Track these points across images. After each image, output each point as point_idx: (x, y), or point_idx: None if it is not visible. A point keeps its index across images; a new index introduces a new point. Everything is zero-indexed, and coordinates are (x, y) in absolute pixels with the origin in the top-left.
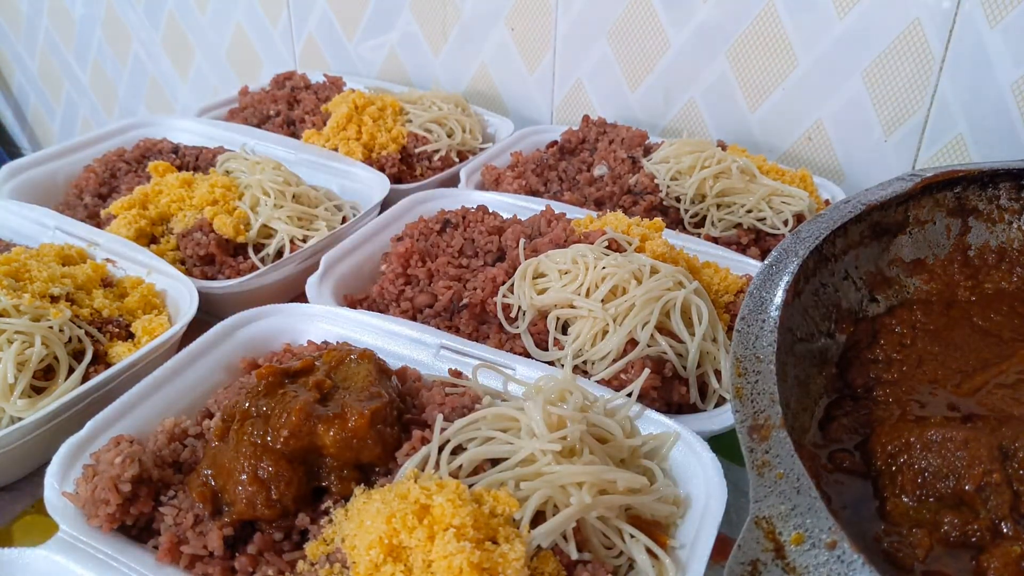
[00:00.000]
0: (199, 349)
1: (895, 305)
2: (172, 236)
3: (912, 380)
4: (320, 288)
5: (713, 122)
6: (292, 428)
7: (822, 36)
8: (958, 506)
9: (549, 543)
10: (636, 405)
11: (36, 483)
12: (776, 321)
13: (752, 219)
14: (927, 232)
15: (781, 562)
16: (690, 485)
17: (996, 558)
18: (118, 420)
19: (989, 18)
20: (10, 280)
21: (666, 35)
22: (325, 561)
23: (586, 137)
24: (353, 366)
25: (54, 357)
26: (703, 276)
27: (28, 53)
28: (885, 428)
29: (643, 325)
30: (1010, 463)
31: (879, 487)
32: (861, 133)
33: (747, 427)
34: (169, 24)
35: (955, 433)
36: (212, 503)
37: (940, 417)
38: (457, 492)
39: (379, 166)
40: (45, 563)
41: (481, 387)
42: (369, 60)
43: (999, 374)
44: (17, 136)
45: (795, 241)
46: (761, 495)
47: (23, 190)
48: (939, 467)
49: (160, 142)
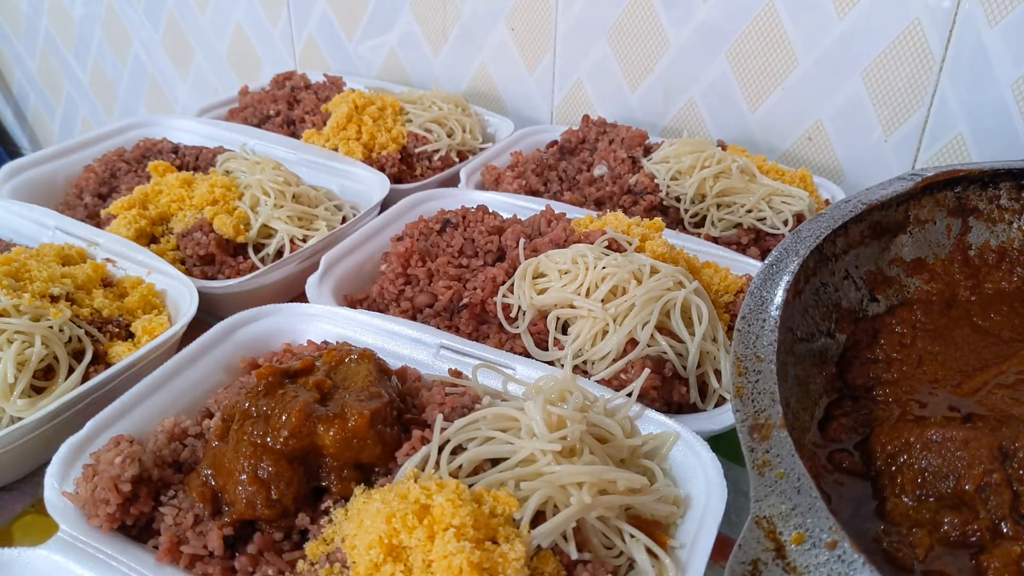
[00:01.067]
0: (199, 349)
1: (895, 305)
2: (172, 236)
3: (912, 380)
4: (320, 288)
5: (713, 122)
6: (292, 429)
7: (822, 36)
8: (958, 506)
9: (549, 543)
10: (636, 405)
11: (36, 483)
12: (777, 320)
13: (752, 219)
14: (927, 232)
15: (782, 562)
16: (690, 485)
17: (996, 558)
18: (118, 420)
19: (989, 18)
20: (10, 280)
21: (666, 35)
22: (325, 561)
23: (586, 137)
24: (353, 366)
25: (54, 357)
26: (703, 276)
27: (28, 53)
28: (885, 428)
29: (643, 325)
30: (1010, 463)
31: (879, 487)
32: (861, 133)
33: (748, 426)
34: (169, 24)
35: (955, 433)
36: (212, 503)
37: (940, 417)
38: (457, 492)
39: (379, 166)
40: (45, 563)
41: (481, 387)
42: (369, 60)
43: (999, 374)
44: (17, 136)
45: (796, 240)
46: (762, 495)
47: (23, 190)
48: (939, 467)
49: (160, 142)
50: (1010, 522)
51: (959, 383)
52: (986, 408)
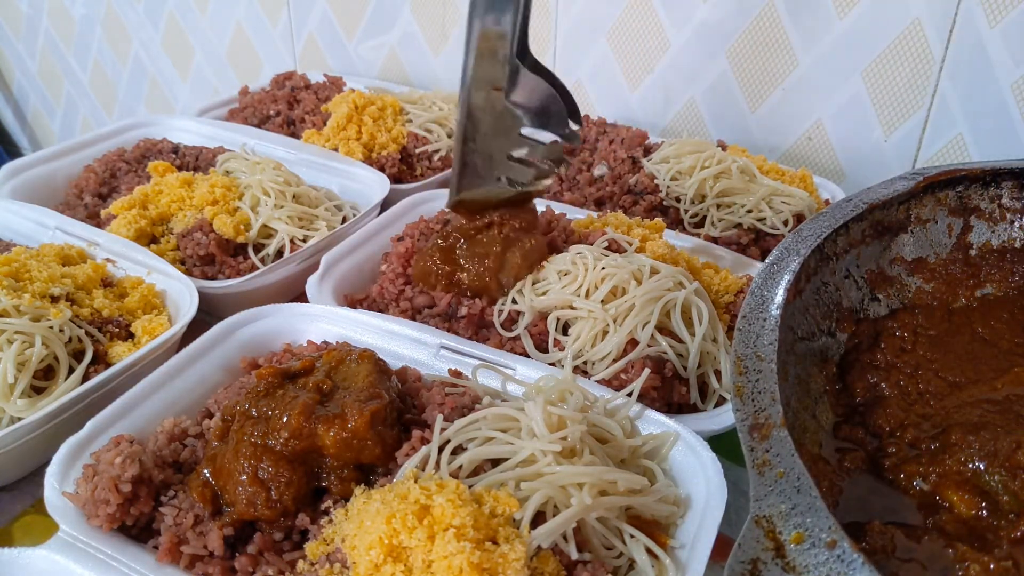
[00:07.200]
0: (199, 349)
1: (898, 308)
2: (172, 236)
3: (901, 398)
4: (320, 288)
5: (713, 122)
6: (292, 429)
7: (822, 36)
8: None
9: (549, 543)
10: (636, 405)
11: (36, 483)
12: (777, 320)
13: (752, 219)
14: (929, 231)
15: (781, 561)
16: (690, 485)
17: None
18: (118, 420)
19: (989, 18)
20: (10, 280)
21: (666, 35)
22: (325, 561)
23: (586, 137)
24: (353, 366)
25: (54, 357)
26: (703, 276)
27: (28, 53)
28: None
29: (644, 325)
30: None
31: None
32: (861, 133)
33: (748, 426)
34: (169, 24)
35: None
36: (212, 503)
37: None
38: (457, 492)
39: (379, 166)
40: (45, 563)
41: (481, 387)
42: (369, 60)
43: (992, 391)
44: (17, 136)
45: (796, 240)
46: (761, 494)
47: (23, 190)
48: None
49: (160, 142)
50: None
51: (947, 394)
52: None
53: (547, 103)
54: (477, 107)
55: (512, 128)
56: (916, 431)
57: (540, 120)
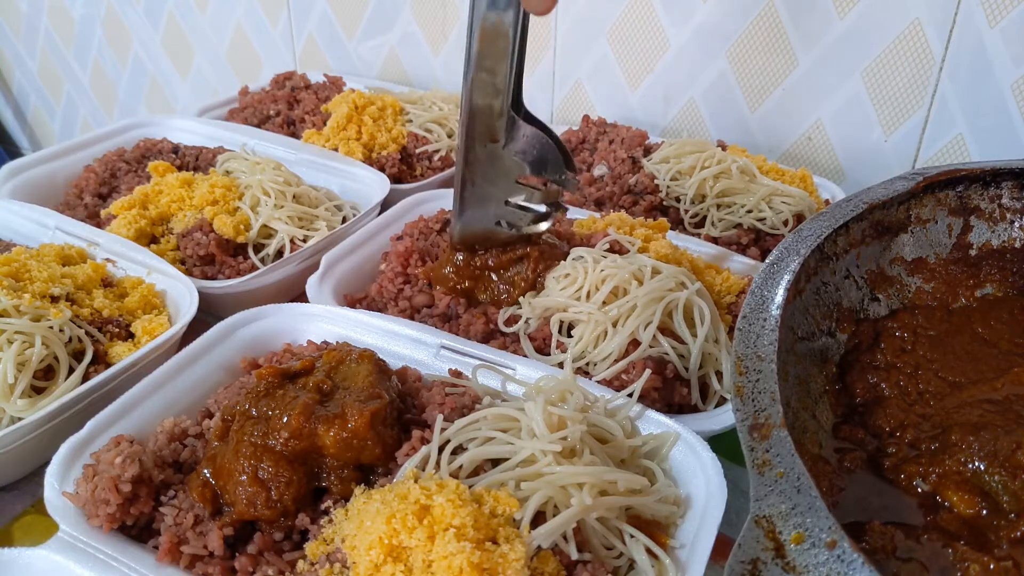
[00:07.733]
0: (199, 349)
1: (897, 308)
2: (172, 236)
3: (901, 398)
4: (320, 288)
5: (713, 122)
6: (292, 430)
7: (822, 36)
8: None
9: (549, 543)
10: (636, 405)
11: (36, 483)
12: (777, 320)
13: (752, 219)
14: (929, 231)
15: (781, 561)
16: (690, 485)
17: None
18: (118, 420)
19: (989, 18)
20: (10, 280)
21: (666, 35)
22: (325, 561)
23: (586, 137)
24: (353, 366)
25: (54, 357)
26: (705, 277)
27: (28, 53)
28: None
29: (645, 326)
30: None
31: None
32: (861, 133)
33: (748, 426)
34: (169, 24)
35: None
36: (212, 503)
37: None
38: (457, 492)
39: (379, 166)
40: (45, 563)
41: (481, 387)
42: (369, 60)
43: (991, 391)
44: (17, 136)
45: (797, 240)
46: (761, 494)
47: (23, 190)
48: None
49: (160, 142)
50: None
51: (946, 395)
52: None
53: (543, 152)
54: (476, 159)
55: (510, 176)
56: (916, 431)
57: (537, 168)
